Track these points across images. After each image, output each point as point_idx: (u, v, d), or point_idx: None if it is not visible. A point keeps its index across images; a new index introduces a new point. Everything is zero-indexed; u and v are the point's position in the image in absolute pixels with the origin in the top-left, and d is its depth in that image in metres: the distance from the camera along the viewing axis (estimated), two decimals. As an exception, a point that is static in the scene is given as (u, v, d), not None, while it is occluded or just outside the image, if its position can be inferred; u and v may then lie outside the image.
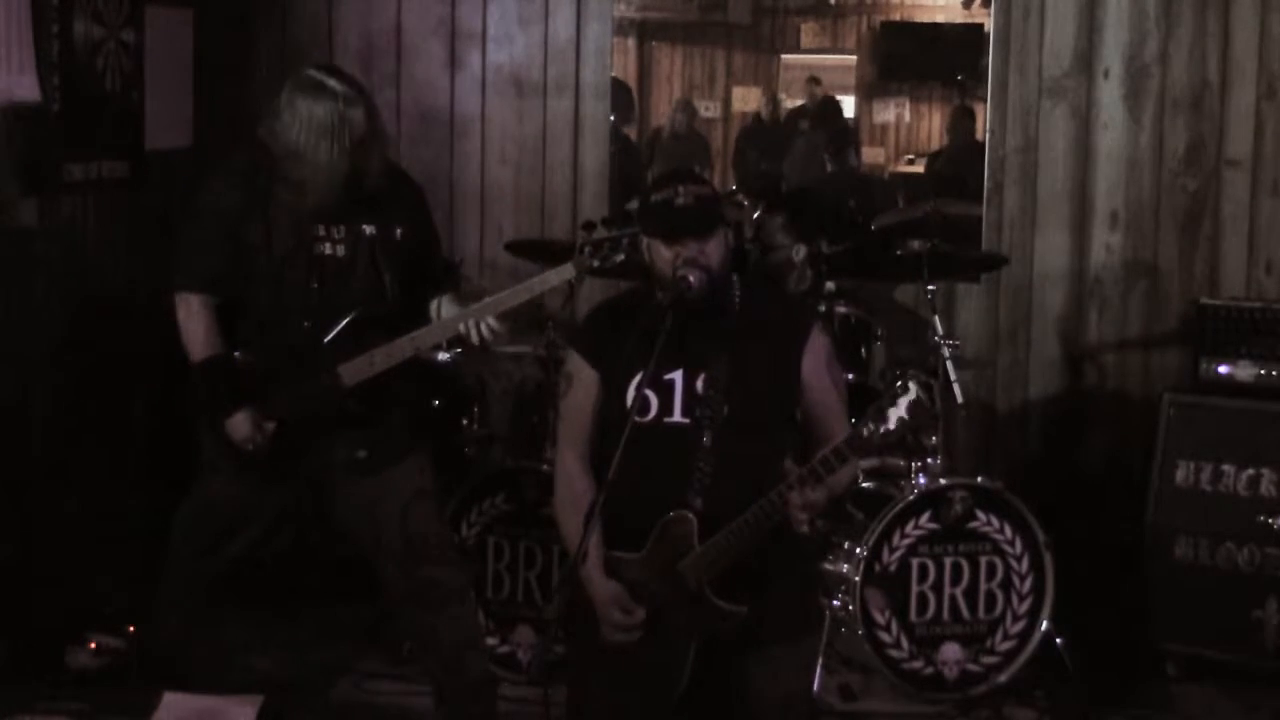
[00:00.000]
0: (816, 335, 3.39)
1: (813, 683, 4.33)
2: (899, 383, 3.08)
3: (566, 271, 4.05)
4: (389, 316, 4.08)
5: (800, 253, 5.11)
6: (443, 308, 4.12)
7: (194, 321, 4.04)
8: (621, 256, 3.97)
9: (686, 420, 3.30)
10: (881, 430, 3.07)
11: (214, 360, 4.03)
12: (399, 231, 4.10)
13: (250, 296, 4.06)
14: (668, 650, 3.28)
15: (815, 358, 3.36)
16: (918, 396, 3.05)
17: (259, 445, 4.01)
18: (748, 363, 3.30)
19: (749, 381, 3.30)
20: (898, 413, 3.06)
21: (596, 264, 4.03)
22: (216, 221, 4.05)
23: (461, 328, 4.00)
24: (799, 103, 12.77)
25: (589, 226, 4.08)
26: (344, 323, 4.02)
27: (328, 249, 4.04)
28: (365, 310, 4.04)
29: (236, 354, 4.06)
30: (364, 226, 4.06)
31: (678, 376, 3.31)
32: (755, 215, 5.24)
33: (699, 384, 3.30)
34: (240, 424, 3.99)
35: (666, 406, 3.31)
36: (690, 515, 3.25)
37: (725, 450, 3.26)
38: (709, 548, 3.22)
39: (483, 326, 3.99)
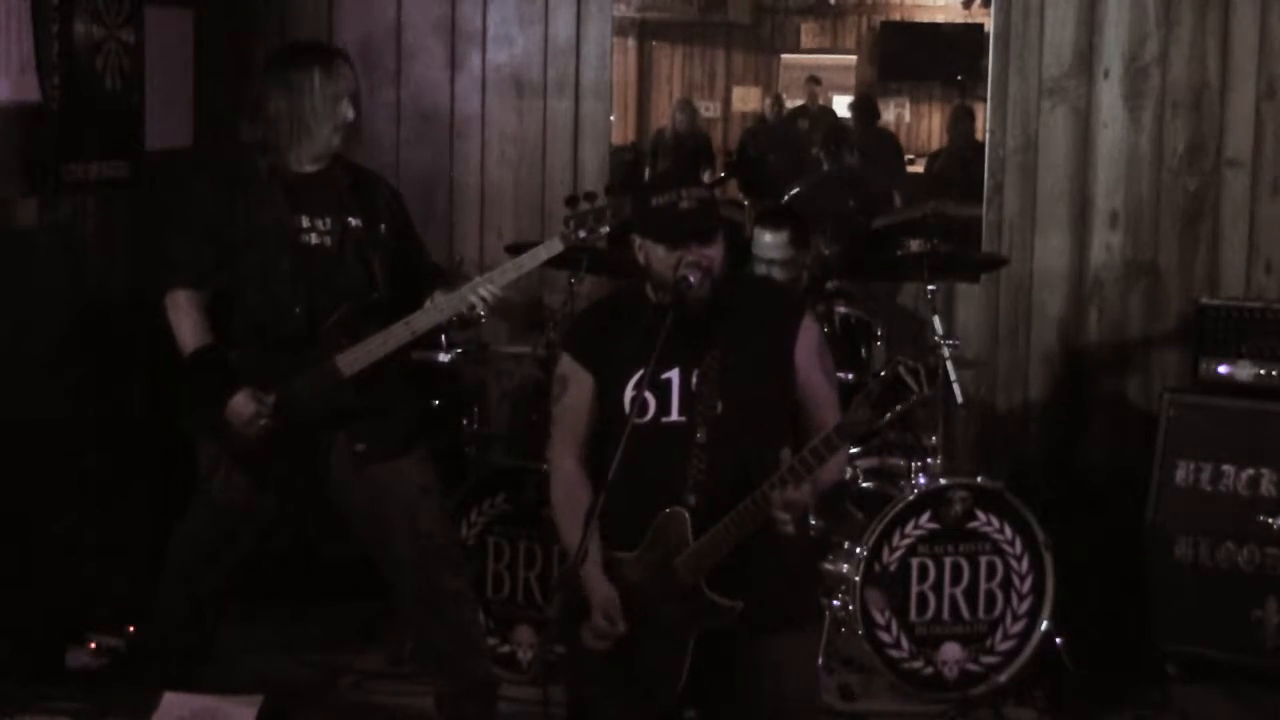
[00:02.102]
0: (808, 323, 3.40)
1: (817, 671, 4.32)
2: (883, 371, 3.09)
3: (555, 246, 4.05)
4: (381, 305, 4.08)
5: (806, 258, 5.10)
6: (435, 299, 4.12)
7: (183, 317, 4.06)
8: (607, 228, 3.98)
9: (683, 418, 3.31)
10: (869, 417, 3.07)
11: (205, 350, 4.04)
12: (382, 227, 4.13)
13: (239, 291, 4.07)
14: (665, 647, 3.29)
15: (807, 346, 3.37)
16: (901, 376, 3.04)
17: (265, 420, 3.99)
18: (740, 356, 3.31)
19: (742, 375, 3.30)
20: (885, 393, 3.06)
21: (583, 235, 4.03)
22: (200, 218, 4.08)
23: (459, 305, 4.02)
24: (799, 103, 12.80)
25: (572, 201, 4.09)
26: (337, 314, 4.02)
27: (314, 239, 4.05)
28: (358, 301, 4.05)
29: (233, 354, 4.06)
30: (349, 219, 4.08)
31: (674, 375, 3.32)
32: (755, 225, 5.22)
33: (693, 381, 3.31)
34: (241, 405, 3.97)
35: (664, 406, 3.32)
36: (684, 512, 3.26)
37: (720, 445, 3.27)
38: (703, 544, 3.23)
39: (481, 290, 3.99)
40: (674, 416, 3.32)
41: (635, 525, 3.30)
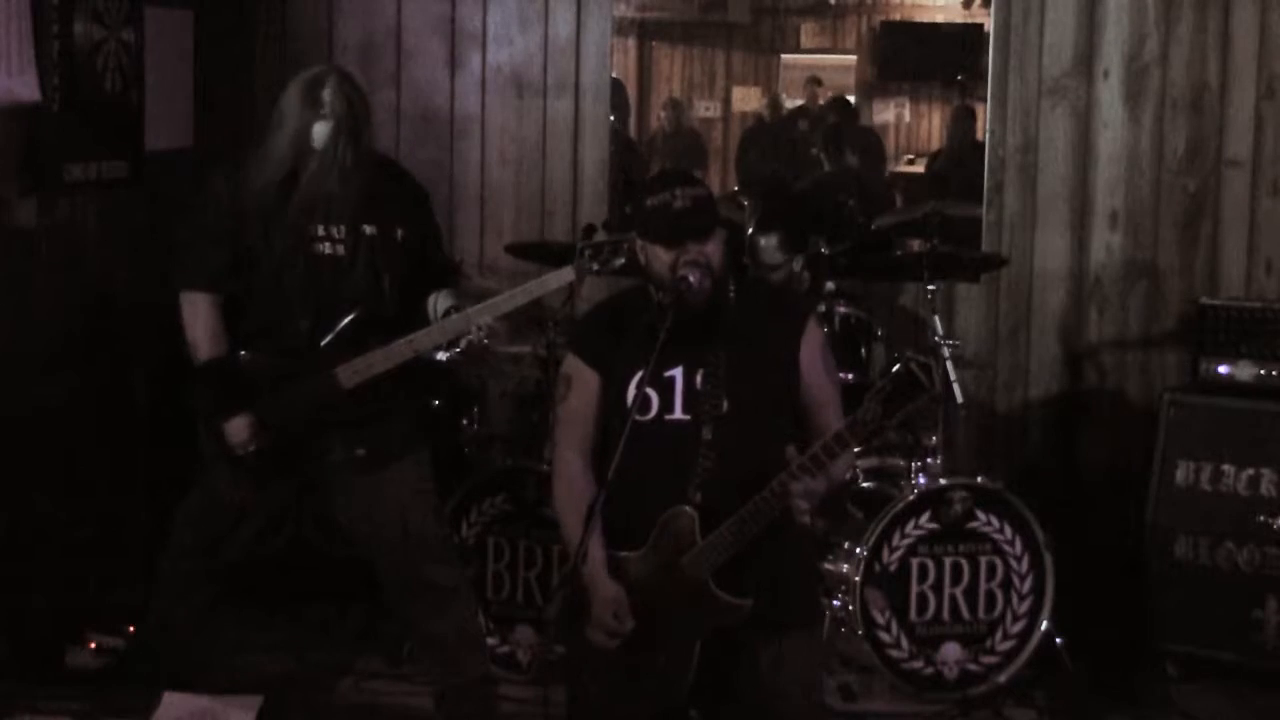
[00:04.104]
0: (812, 326, 3.41)
1: (820, 671, 4.33)
2: (896, 366, 3.10)
3: (566, 275, 4.05)
4: (388, 318, 4.08)
5: (799, 263, 5.11)
6: (439, 303, 4.12)
7: (199, 320, 4.07)
8: (621, 261, 3.98)
9: (687, 416, 3.31)
10: (882, 414, 3.08)
11: (216, 363, 4.05)
12: (399, 232, 4.11)
13: (249, 296, 4.08)
14: (673, 647, 3.28)
15: (811, 348, 3.39)
16: (913, 372, 3.06)
17: (257, 449, 4.01)
18: (746, 356, 3.32)
19: (747, 375, 3.31)
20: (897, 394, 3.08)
21: (596, 268, 4.03)
22: (217, 219, 4.07)
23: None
24: (799, 103, 12.78)
25: (589, 231, 4.09)
26: (342, 324, 4.03)
27: (327, 248, 4.05)
28: (364, 312, 4.05)
29: (242, 354, 4.07)
30: (364, 226, 4.07)
31: (678, 373, 3.32)
32: (748, 232, 5.23)
33: (698, 379, 3.31)
34: (239, 428, 4.00)
35: (667, 404, 3.32)
36: (691, 510, 3.26)
37: (725, 444, 3.27)
38: (711, 541, 3.23)
39: (488, 318, 3.99)
40: (678, 414, 3.32)
41: (639, 524, 3.30)
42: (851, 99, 12.03)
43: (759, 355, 3.34)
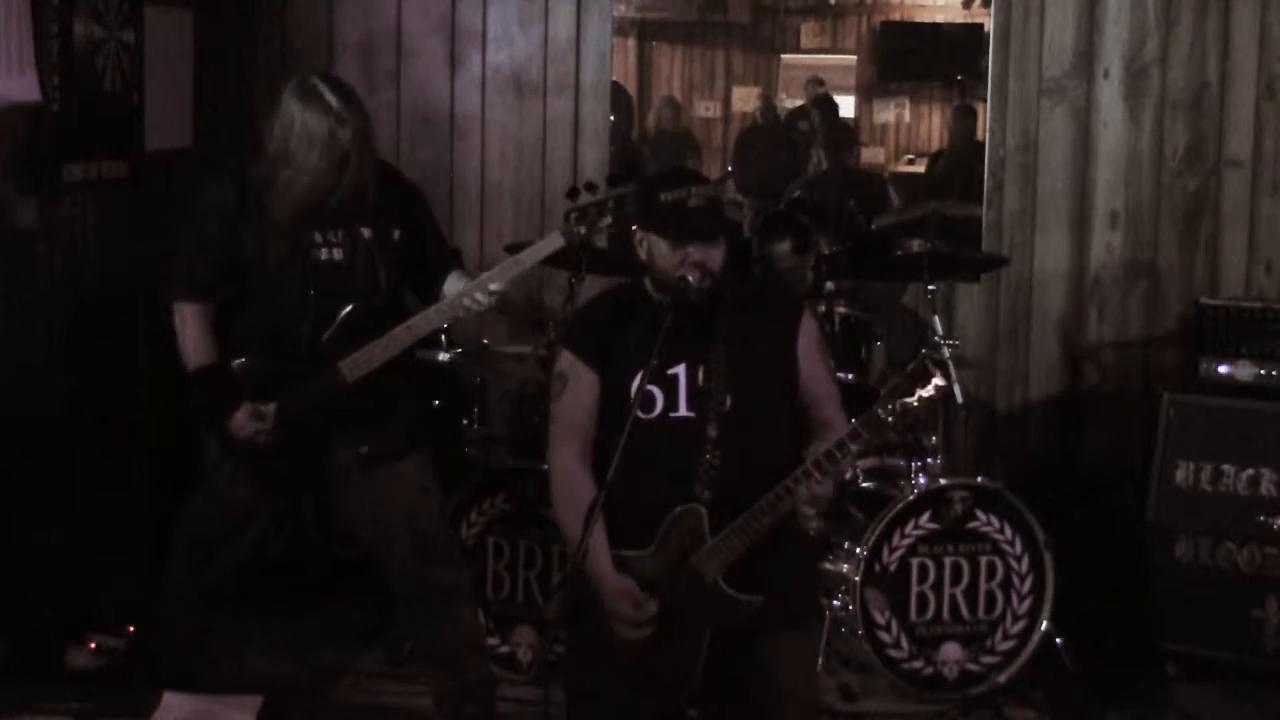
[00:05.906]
0: (807, 318, 3.42)
1: (817, 670, 4.33)
2: (910, 364, 3.11)
3: (555, 240, 4.04)
4: (384, 309, 4.07)
5: (810, 262, 5.12)
6: (449, 285, 4.11)
7: (188, 330, 4.05)
8: (608, 220, 3.96)
9: (692, 414, 3.30)
10: (899, 410, 3.09)
11: (209, 368, 4.03)
12: (396, 234, 4.10)
13: (247, 303, 4.06)
14: (681, 645, 3.28)
15: (808, 340, 3.39)
16: (927, 370, 3.07)
17: (266, 434, 4.00)
18: (746, 351, 3.32)
19: (749, 370, 3.31)
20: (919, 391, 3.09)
21: (584, 230, 4.01)
22: (209, 228, 4.04)
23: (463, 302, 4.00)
24: (799, 103, 12.77)
25: (573, 194, 4.07)
26: (341, 316, 4.02)
27: (324, 254, 4.03)
28: (361, 305, 4.03)
29: (235, 363, 4.05)
30: (361, 229, 4.06)
31: (681, 370, 3.32)
32: (748, 236, 5.23)
33: (700, 376, 3.31)
34: (243, 422, 3.99)
35: (671, 401, 3.32)
36: (700, 508, 3.25)
37: (730, 440, 3.27)
38: (723, 539, 3.23)
39: (479, 295, 3.98)
40: (682, 412, 3.32)
41: (645, 522, 3.29)
42: (840, 98, 12.04)
43: (758, 350, 3.34)
